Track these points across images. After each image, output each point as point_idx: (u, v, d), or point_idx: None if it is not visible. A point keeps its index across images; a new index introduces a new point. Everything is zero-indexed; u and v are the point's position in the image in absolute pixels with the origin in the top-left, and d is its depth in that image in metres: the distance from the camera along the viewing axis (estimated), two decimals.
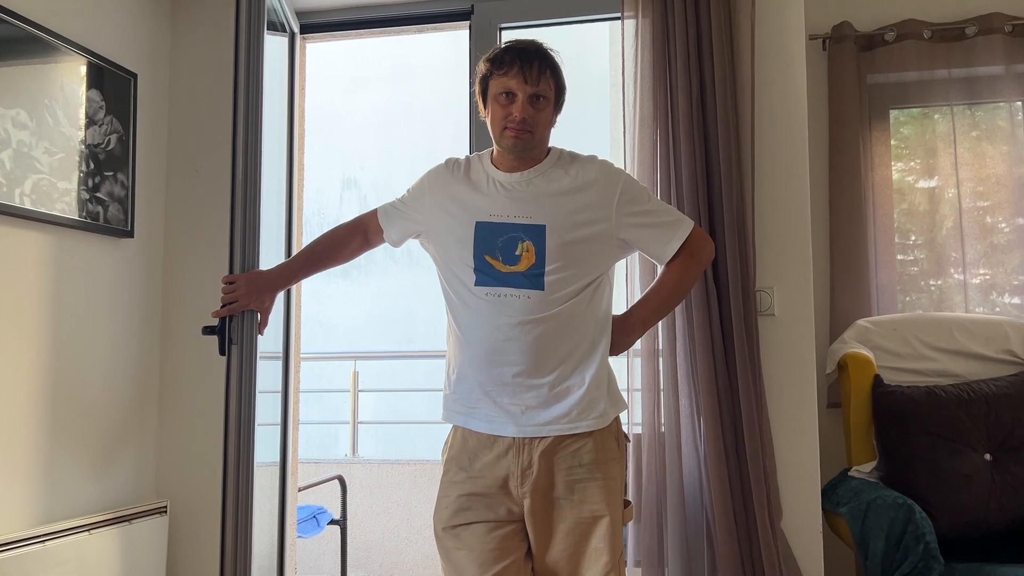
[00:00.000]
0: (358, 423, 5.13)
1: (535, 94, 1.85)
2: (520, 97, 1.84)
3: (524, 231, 1.85)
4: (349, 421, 5.11)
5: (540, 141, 1.92)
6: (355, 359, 5.33)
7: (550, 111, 1.91)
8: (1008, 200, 3.12)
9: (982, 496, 2.50)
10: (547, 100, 1.88)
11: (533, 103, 1.86)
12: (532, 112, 1.85)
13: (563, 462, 1.82)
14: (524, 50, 1.87)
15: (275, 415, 2.75)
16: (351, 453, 5.09)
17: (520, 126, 1.84)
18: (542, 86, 1.86)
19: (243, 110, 2.28)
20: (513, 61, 1.85)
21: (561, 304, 1.83)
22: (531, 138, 1.87)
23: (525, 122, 1.84)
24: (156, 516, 2.76)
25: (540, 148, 1.93)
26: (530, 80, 1.84)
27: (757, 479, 2.36)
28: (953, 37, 3.14)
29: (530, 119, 1.85)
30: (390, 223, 2.08)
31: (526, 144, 1.88)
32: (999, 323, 2.87)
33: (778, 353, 2.55)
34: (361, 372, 5.42)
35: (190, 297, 2.93)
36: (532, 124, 1.86)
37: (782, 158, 2.61)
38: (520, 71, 1.84)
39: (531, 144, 1.89)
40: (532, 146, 1.90)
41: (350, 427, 5.09)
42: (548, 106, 1.89)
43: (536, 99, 1.86)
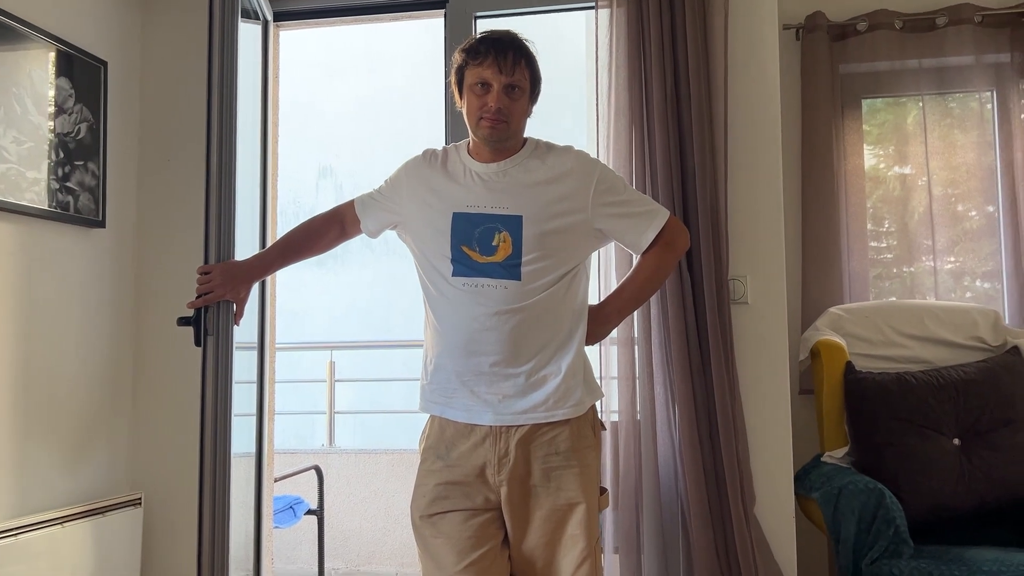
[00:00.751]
0: (335, 413, 5.12)
1: (510, 84, 1.86)
2: (495, 87, 1.85)
3: (501, 221, 1.86)
4: (326, 411, 5.10)
5: (516, 131, 1.92)
6: (331, 349, 5.32)
7: (525, 101, 1.92)
8: (978, 188, 3.17)
9: (951, 480, 2.55)
10: (522, 90, 1.89)
11: (508, 93, 1.86)
12: (507, 102, 1.86)
13: (539, 450, 1.84)
14: (499, 40, 1.88)
15: (251, 406, 2.74)
16: (328, 443, 5.09)
17: (495, 116, 1.85)
18: (517, 76, 1.86)
19: (217, 99, 2.26)
20: (488, 51, 1.86)
21: (538, 294, 1.84)
22: (507, 128, 1.88)
23: (500, 112, 1.85)
24: (130, 508, 2.74)
25: (516, 138, 1.94)
26: (505, 70, 1.84)
27: (730, 466, 2.39)
28: (924, 27, 3.17)
29: (505, 109, 1.85)
30: (367, 214, 2.08)
31: (502, 135, 1.88)
32: (968, 310, 2.92)
33: (751, 341, 2.58)
34: (338, 362, 5.40)
35: (164, 288, 2.90)
36: (507, 114, 1.86)
37: (755, 147, 2.63)
38: (495, 61, 1.84)
39: (507, 134, 1.89)
40: (508, 136, 1.90)
41: (327, 417, 5.08)
42: (523, 96, 1.90)
43: (511, 89, 1.86)
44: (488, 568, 1.82)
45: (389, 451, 4.41)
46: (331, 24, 3.14)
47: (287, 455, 4.43)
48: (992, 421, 2.62)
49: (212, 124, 2.24)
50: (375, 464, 4.49)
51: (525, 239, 1.84)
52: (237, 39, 2.31)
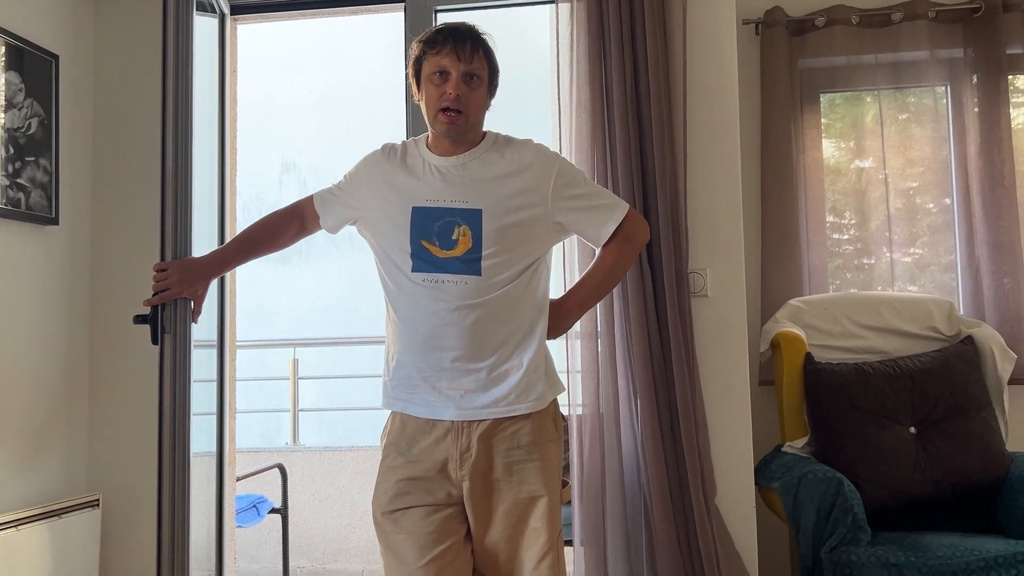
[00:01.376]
0: (299, 411, 5.08)
1: (469, 72, 1.85)
2: (454, 75, 1.84)
3: (460, 215, 1.85)
4: (290, 409, 5.06)
5: (475, 124, 1.91)
6: (295, 346, 5.27)
7: (484, 92, 1.91)
8: (934, 182, 3.23)
9: (907, 468, 2.60)
10: (480, 80, 1.88)
11: (467, 82, 1.85)
12: (466, 91, 1.85)
13: (501, 444, 1.84)
14: (456, 30, 1.88)
15: (211, 404, 2.71)
16: (292, 441, 5.04)
17: (455, 105, 1.83)
18: (475, 65, 1.86)
19: (172, 93, 2.23)
20: (446, 40, 1.85)
21: (498, 289, 1.84)
22: (465, 121, 1.86)
23: (459, 99, 1.83)
24: (88, 510, 2.69)
25: (475, 131, 1.92)
26: (463, 58, 1.84)
27: (691, 457, 2.41)
28: (880, 23, 3.22)
29: (464, 97, 1.84)
30: (326, 209, 2.06)
31: (460, 129, 1.87)
32: (923, 301, 2.98)
33: (712, 333, 2.60)
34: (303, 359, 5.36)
35: (120, 285, 2.85)
36: (465, 103, 1.85)
37: (714, 141, 2.65)
38: (453, 49, 1.84)
39: (465, 128, 1.88)
40: (466, 129, 1.89)
41: (291, 415, 5.03)
42: (482, 86, 1.89)
43: (470, 78, 1.86)
44: (450, 563, 1.81)
45: (354, 448, 4.38)
46: (290, 18, 3.10)
47: (251, 454, 4.39)
48: (947, 409, 2.68)
49: (167, 119, 2.21)
50: (340, 462, 4.46)
51: (485, 233, 1.83)
52: (192, 33, 2.28)
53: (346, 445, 4.45)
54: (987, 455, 2.64)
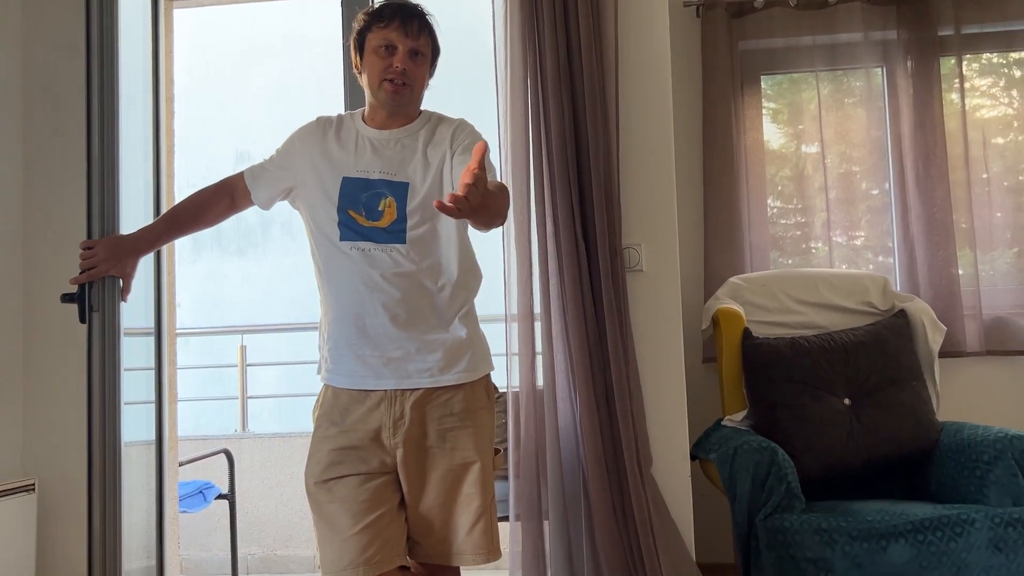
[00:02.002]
0: (247, 398, 5.05)
1: (414, 49, 1.90)
2: (401, 49, 1.89)
3: (387, 187, 1.89)
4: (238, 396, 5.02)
5: (416, 98, 1.96)
6: (243, 333, 5.23)
7: (427, 68, 1.96)
8: (870, 163, 3.29)
9: (841, 438, 2.65)
10: (424, 58, 1.93)
11: (412, 58, 1.90)
12: (411, 66, 1.90)
13: (435, 412, 1.87)
14: (405, 6, 1.93)
15: (149, 393, 2.68)
16: (241, 428, 5.01)
17: (401, 78, 1.88)
18: (421, 42, 1.91)
19: (97, 71, 2.21)
20: (394, 15, 1.90)
21: (423, 259, 1.87)
22: (409, 93, 1.92)
23: (405, 73, 1.88)
24: (23, 494, 2.65)
25: (414, 106, 1.97)
26: (410, 34, 1.89)
27: (626, 428, 2.44)
28: (817, 5, 3.27)
29: (409, 71, 1.89)
30: (258, 184, 2.07)
31: (404, 100, 1.92)
32: (860, 276, 3.04)
33: (647, 309, 2.63)
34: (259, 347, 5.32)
35: (52, 264, 2.81)
36: (412, 78, 1.90)
37: (647, 119, 2.68)
38: (401, 25, 1.89)
39: (408, 100, 1.93)
40: (408, 102, 1.94)
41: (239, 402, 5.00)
42: (425, 63, 1.95)
43: (415, 55, 1.91)
44: (384, 530, 1.82)
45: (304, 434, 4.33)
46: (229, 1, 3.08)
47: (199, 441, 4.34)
48: (879, 381, 2.74)
49: (92, 98, 2.18)
50: (290, 447, 4.44)
51: (410, 205, 1.87)
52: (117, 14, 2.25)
53: (296, 431, 4.44)
54: (918, 425, 2.71)
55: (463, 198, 1.46)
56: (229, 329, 5.43)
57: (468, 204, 1.47)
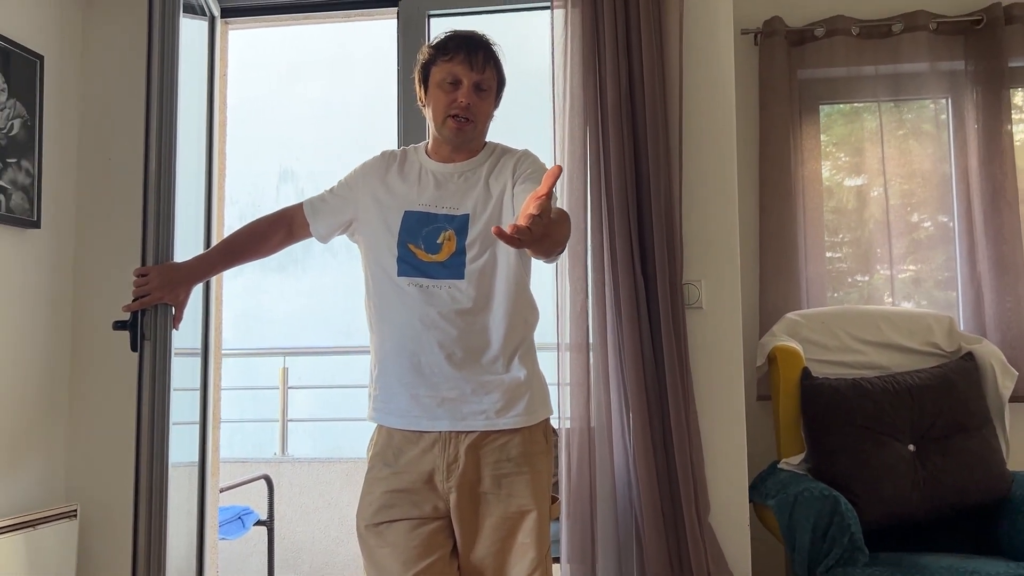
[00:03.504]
0: (288, 421, 5.01)
1: (479, 83, 1.86)
2: (466, 84, 1.85)
3: (448, 221, 1.85)
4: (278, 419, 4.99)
5: (480, 132, 1.92)
6: (285, 355, 5.20)
7: (491, 102, 1.92)
8: (932, 196, 3.18)
9: (905, 487, 2.54)
10: (489, 91, 1.89)
11: (477, 91, 1.86)
12: (476, 100, 1.86)
13: (490, 456, 1.79)
14: (470, 39, 1.88)
15: (194, 414, 2.65)
16: (280, 452, 4.97)
17: (464, 113, 1.84)
18: (486, 75, 1.87)
19: (157, 96, 2.19)
20: (459, 48, 1.86)
21: (481, 295, 1.81)
22: (473, 129, 1.88)
23: (469, 109, 1.85)
24: (65, 520, 2.63)
25: (478, 140, 1.93)
26: (475, 67, 1.85)
27: (684, 473, 2.35)
28: (880, 34, 3.18)
29: (474, 106, 1.86)
30: (317, 217, 2.03)
31: (467, 136, 1.88)
32: (923, 316, 2.92)
33: (706, 346, 2.55)
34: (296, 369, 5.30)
35: (103, 291, 2.80)
36: (475, 113, 1.86)
37: (710, 151, 2.61)
38: (467, 58, 1.85)
39: (472, 135, 1.89)
40: (472, 137, 1.90)
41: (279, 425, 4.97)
42: (490, 97, 1.90)
43: (479, 88, 1.87)
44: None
45: (343, 460, 4.32)
46: (281, 22, 3.07)
47: (238, 464, 4.32)
48: (946, 427, 2.62)
49: (151, 122, 2.16)
50: (328, 473, 4.40)
51: (470, 239, 1.83)
52: (178, 35, 2.24)
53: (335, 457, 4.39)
54: (987, 474, 2.58)
55: (526, 228, 1.37)
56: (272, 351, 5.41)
57: (531, 235, 1.38)
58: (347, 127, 7.60)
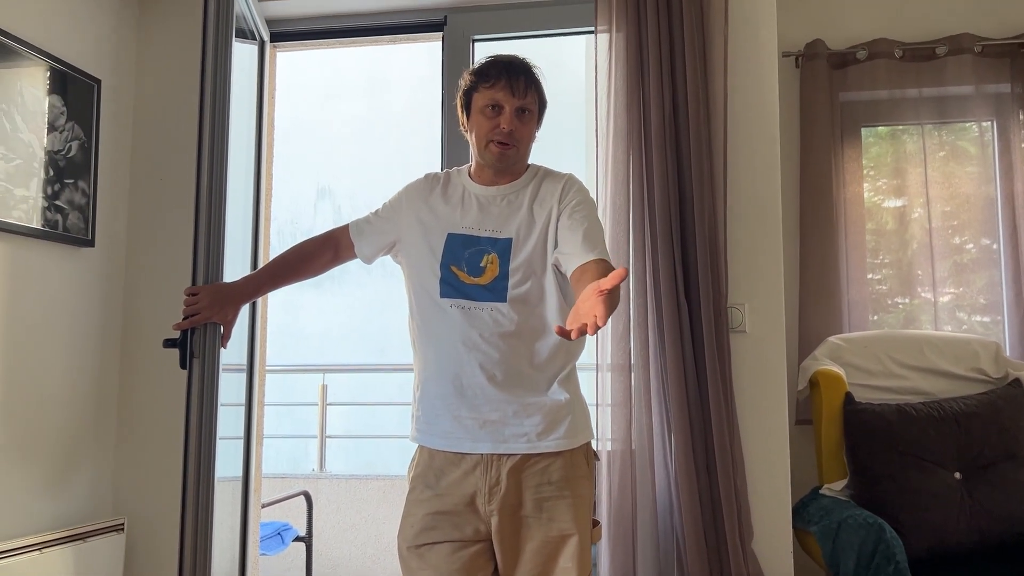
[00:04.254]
0: (326, 437, 5.05)
1: (521, 107, 1.88)
2: (507, 109, 1.87)
3: (491, 244, 1.86)
4: (317, 435, 5.03)
5: (523, 156, 1.94)
6: (324, 372, 5.25)
7: (533, 125, 1.94)
8: (976, 219, 3.14)
9: (952, 515, 2.50)
10: (531, 114, 1.91)
11: (519, 116, 1.88)
12: (518, 125, 1.88)
13: (532, 479, 1.80)
14: (511, 64, 1.90)
15: (238, 429, 2.69)
16: (319, 468, 5.01)
17: (507, 139, 1.86)
18: (528, 99, 1.88)
19: (209, 119, 2.24)
20: (500, 74, 1.88)
21: (524, 319, 1.82)
22: (515, 153, 1.89)
23: (512, 134, 1.86)
24: (113, 534, 2.67)
25: (521, 163, 1.95)
26: (517, 93, 1.86)
27: (728, 498, 2.33)
28: (924, 57, 3.16)
29: (516, 132, 1.87)
30: (362, 239, 2.06)
31: (509, 160, 1.90)
32: (968, 341, 2.88)
33: (749, 370, 2.53)
34: (331, 385, 5.34)
35: (152, 308, 2.85)
36: (517, 138, 1.88)
37: (754, 174, 2.61)
38: (508, 84, 1.86)
39: (514, 160, 1.91)
40: (515, 161, 1.92)
41: (318, 441, 5.01)
42: (532, 120, 1.92)
43: (521, 112, 1.88)
44: None
45: (380, 477, 4.34)
46: (329, 46, 3.13)
47: (277, 480, 4.37)
48: (994, 455, 2.58)
49: (203, 144, 2.21)
50: (366, 490, 4.42)
51: (513, 263, 1.84)
52: (231, 59, 2.29)
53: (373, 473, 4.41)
54: None
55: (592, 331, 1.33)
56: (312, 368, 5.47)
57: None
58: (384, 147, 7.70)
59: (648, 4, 2.54)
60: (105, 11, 2.82)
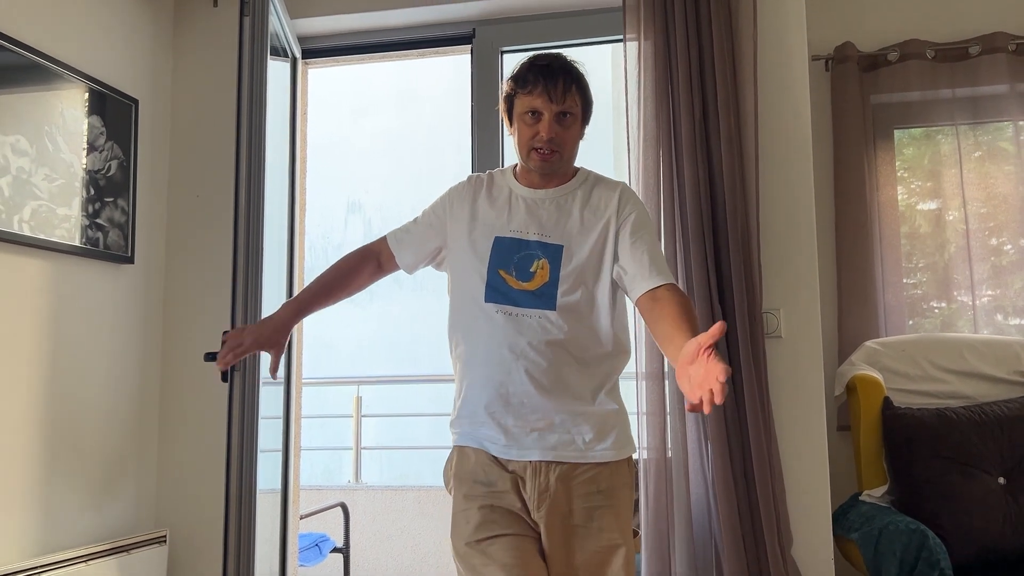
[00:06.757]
0: (361, 449, 5.08)
1: (562, 111, 1.81)
2: (546, 116, 1.80)
3: (541, 249, 1.80)
4: (352, 447, 5.06)
5: (568, 160, 1.87)
6: (358, 384, 5.29)
7: (578, 128, 1.87)
8: (1013, 220, 3.10)
9: (996, 520, 2.45)
10: (574, 116, 1.84)
11: (560, 120, 1.81)
12: (559, 130, 1.81)
13: (581, 488, 1.75)
14: (548, 67, 1.83)
15: (276, 441, 2.72)
16: (354, 479, 5.04)
17: (548, 146, 1.80)
18: (568, 103, 1.81)
19: (246, 136, 2.28)
20: (537, 79, 1.80)
21: (573, 328, 1.77)
22: (559, 159, 1.83)
23: (553, 141, 1.80)
24: (155, 546, 2.71)
25: (567, 165, 1.89)
26: (555, 98, 1.79)
27: (766, 505, 2.31)
28: (956, 57, 3.13)
29: (558, 138, 1.81)
30: (402, 248, 1.99)
31: (553, 166, 1.84)
32: (1010, 344, 2.83)
33: (786, 376, 2.52)
34: (365, 397, 5.37)
35: (191, 323, 2.90)
36: (560, 143, 1.81)
37: (786, 179, 2.59)
38: (545, 90, 1.79)
39: (559, 165, 1.85)
40: (560, 166, 1.86)
41: (353, 453, 5.04)
42: (576, 123, 1.85)
43: (563, 116, 1.81)
44: None
45: (416, 488, 4.35)
46: (359, 61, 3.17)
47: (313, 491, 4.40)
48: None
49: (240, 160, 2.26)
50: (402, 501, 4.44)
51: (564, 270, 1.78)
52: (266, 77, 2.33)
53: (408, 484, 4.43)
54: None
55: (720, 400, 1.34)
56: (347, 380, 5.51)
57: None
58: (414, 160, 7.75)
59: (676, 11, 2.55)
60: (141, 33, 2.88)
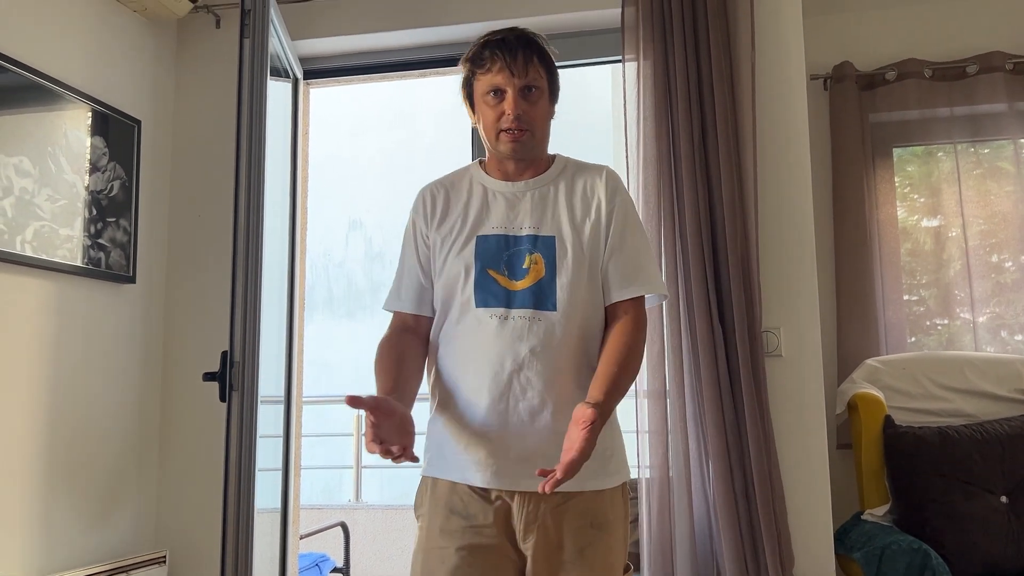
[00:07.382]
0: (362, 468, 5.07)
1: (526, 86, 1.65)
2: (510, 92, 1.64)
3: (531, 243, 1.64)
4: (353, 466, 5.05)
5: (540, 140, 1.70)
6: None
7: (545, 103, 1.70)
8: (1014, 238, 3.10)
9: (999, 539, 2.44)
10: (540, 91, 1.67)
11: (525, 96, 1.65)
12: (526, 106, 1.65)
13: (574, 520, 1.59)
14: (503, 41, 1.66)
15: (276, 460, 2.71)
16: (355, 498, 5.02)
17: (516, 124, 1.64)
18: (531, 76, 1.65)
19: (245, 156, 2.29)
20: (495, 55, 1.64)
21: (575, 327, 1.61)
22: (531, 138, 1.67)
23: (520, 119, 1.64)
24: (155, 566, 2.70)
25: (541, 148, 1.72)
26: (517, 72, 1.63)
27: (768, 525, 2.30)
28: (954, 76, 3.15)
29: (525, 114, 1.64)
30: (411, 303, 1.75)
31: (526, 146, 1.67)
32: (1011, 361, 2.83)
33: (786, 394, 2.51)
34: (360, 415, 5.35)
35: (191, 342, 2.91)
36: (529, 121, 1.65)
37: (786, 197, 2.60)
38: (505, 65, 1.63)
39: (531, 144, 1.68)
40: (533, 146, 1.68)
41: (354, 472, 5.02)
42: (543, 97, 1.68)
43: (528, 91, 1.65)
44: None
45: None
46: (360, 81, 3.19)
47: (314, 511, 4.39)
48: None
49: (240, 181, 2.27)
50: (402, 520, 4.43)
51: (559, 262, 1.62)
52: (266, 98, 2.35)
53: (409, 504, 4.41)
54: None
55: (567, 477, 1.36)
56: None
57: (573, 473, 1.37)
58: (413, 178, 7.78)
59: (675, 32, 2.56)
60: (144, 54, 2.90)
